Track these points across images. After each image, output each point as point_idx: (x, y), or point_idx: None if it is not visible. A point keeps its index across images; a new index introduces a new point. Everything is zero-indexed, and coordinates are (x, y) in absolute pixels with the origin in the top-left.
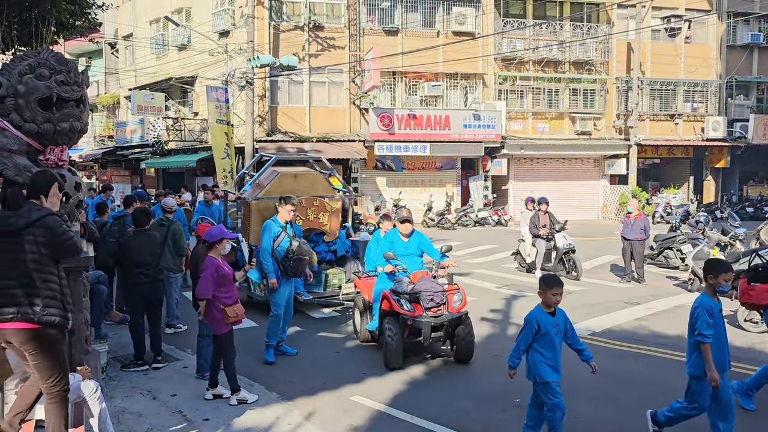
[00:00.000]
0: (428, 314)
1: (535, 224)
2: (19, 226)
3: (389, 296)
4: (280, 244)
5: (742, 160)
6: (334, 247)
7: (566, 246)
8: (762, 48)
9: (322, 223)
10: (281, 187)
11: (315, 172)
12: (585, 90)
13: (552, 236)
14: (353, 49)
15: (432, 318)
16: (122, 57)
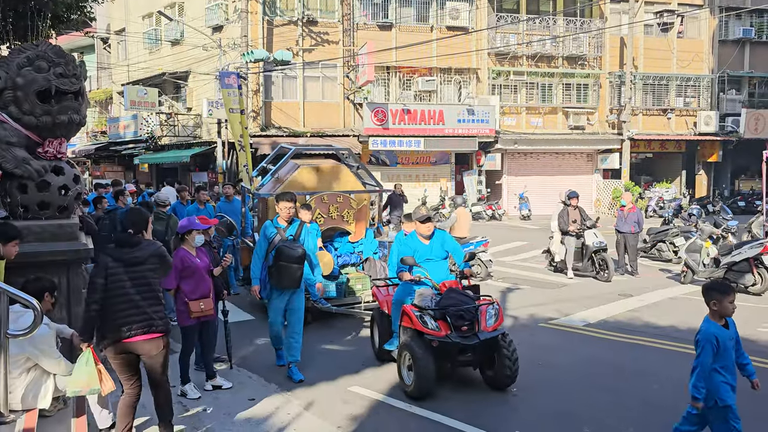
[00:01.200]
0: (456, 334)
1: (564, 220)
2: (143, 258)
3: (410, 312)
4: (275, 248)
5: (733, 155)
6: (359, 248)
7: (597, 244)
8: (754, 43)
9: (346, 222)
10: (301, 182)
11: (339, 164)
12: (578, 85)
13: (582, 233)
14: (347, 44)
15: (460, 339)
16: (114, 52)
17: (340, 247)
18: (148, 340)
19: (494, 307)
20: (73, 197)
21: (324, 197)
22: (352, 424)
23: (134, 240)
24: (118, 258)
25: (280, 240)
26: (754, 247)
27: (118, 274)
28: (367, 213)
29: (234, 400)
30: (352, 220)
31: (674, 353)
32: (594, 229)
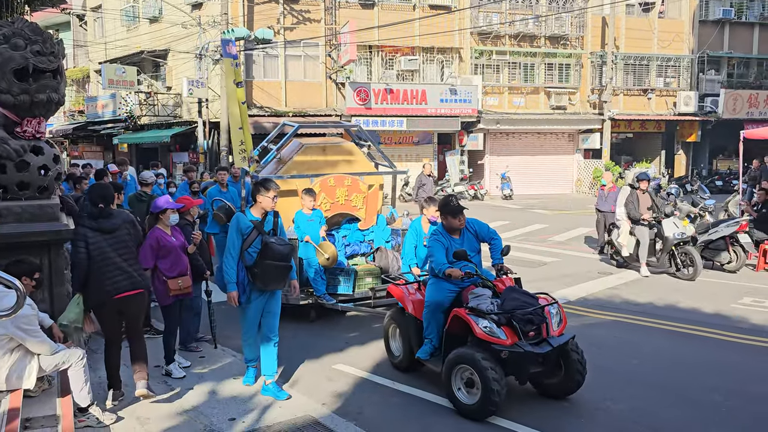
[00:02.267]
0: (527, 342)
1: (634, 206)
2: (118, 225)
3: (468, 317)
4: (252, 245)
5: (712, 135)
6: (370, 237)
7: (678, 235)
8: (733, 23)
9: (355, 207)
10: (306, 163)
11: (348, 142)
12: (560, 65)
13: (657, 222)
14: (329, 23)
15: (533, 347)
16: (91, 29)
17: (348, 235)
18: (134, 295)
19: (555, 306)
20: (53, 177)
21: (330, 180)
22: (336, 401)
23: (106, 212)
24: (96, 228)
25: (258, 234)
26: (730, 225)
27: (98, 242)
28: (378, 197)
29: (219, 379)
30: (361, 205)
31: (654, 329)
32: (673, 218)
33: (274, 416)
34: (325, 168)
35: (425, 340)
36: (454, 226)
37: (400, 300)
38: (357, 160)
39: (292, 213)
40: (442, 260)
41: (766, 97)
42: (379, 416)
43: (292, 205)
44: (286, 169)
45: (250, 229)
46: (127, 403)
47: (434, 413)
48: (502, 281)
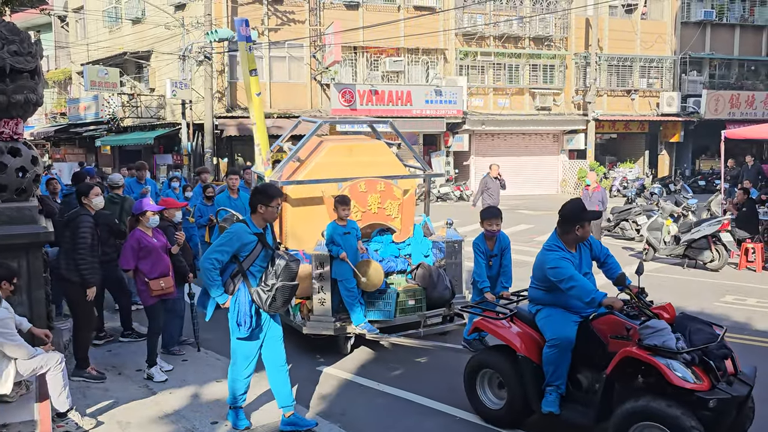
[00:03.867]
0: (723, 384)
1: None
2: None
3: (656, 361)
4: (255, 262)
5: (694, 135)
6: (406, 251)
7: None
8: (714, 24)
9: (389, 216)
10: (331, 165)
11: (377, 141)
12: (545, 66)
13: None
14: (313, 24)
15: (734, 389)
16: (73, 31)
17: (381, 249)
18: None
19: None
20: (31, 179)
21: (361, 184)
22: (320, 402)
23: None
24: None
25: (262, 249)
26: (712, 224)
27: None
28: (414, 204)
29: (202, 382)
30: (396, 213)
31: None
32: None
33: (257, 419)
34: (353, 171)
35: (549, 389)
36: (583, 236)
37: (505, 338)
38: (387, 162)
39: (317, 224)
40: (589, 286)
41: (747, 98)
42: (363, 418)
43: (316, 215)
44: (308, 173)
45: (253, 244)
46: (107, 408)
47: (418, 414)
48: (665, 309)
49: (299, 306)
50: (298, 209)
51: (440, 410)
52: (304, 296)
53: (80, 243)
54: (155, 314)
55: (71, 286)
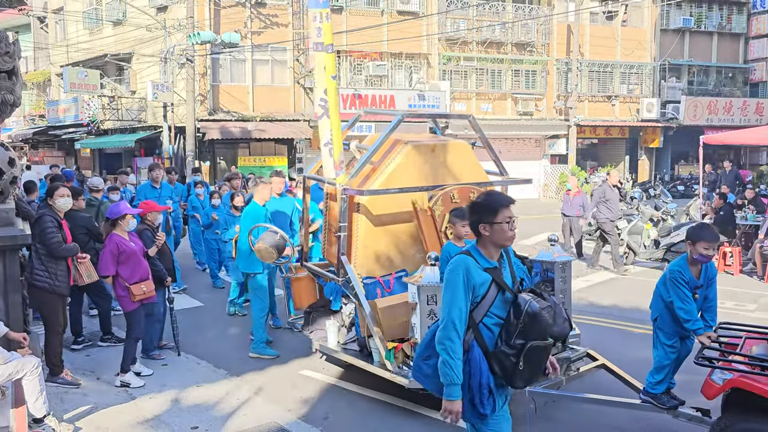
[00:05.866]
0: None
1: None
2: None
3: None
4: (489, 312)
5: (673, 141)
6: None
7: None
8: (693, 32)
9: None
10: (411, 169)
11: (459, 141)
12: (527, 71)
13: None
14: (297, 27)
15: None
16: (52, 32)
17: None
18: None
19: None
20: (8, 181)
21: (454, 194)
22: (303, 406)
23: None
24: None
25: (498, 292)
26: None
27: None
28: None
29: (182, 386)
30: None
31: (615, 330)
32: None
33: (239, 424)
34: (438, 176)
35: None
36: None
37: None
38: (470, 165)
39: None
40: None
41: (725, 104)
42: (345, 421)
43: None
44: (386, 179)
45: (486, 285)
46: (86, 413)
47: (400, 418)
48: None
49: (393, 351)
50: (372, 223)
51: (421, 413)
52: (397, 338)
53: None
54: (136, 319)
55: (38, 290)
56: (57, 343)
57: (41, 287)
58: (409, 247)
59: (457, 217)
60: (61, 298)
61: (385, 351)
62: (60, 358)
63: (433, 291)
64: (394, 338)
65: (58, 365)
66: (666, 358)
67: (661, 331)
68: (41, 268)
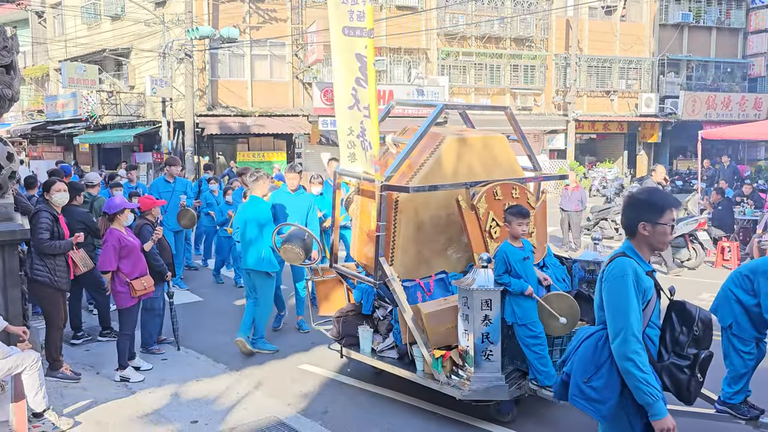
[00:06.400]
0: None
1: None
2: None
3: None
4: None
5: (672, 136)
6: (547, 271)
7: None
8: (692, 27)
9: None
10: (451, 164)
11: (496, 134)
12: (525, 66)
13: None
14: (296, 22)
15: None
16: (50, 27)
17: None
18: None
19: None
20: (6, 176)
21: (497, 190)
22: (302, 401)
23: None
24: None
25: (659, 299)
26: (689, 223)
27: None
28: (546, 215)
29: (181, 381)
30: (532, 227)
31: None
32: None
33: (238, 418)
34: (477, 171)
35: None
36: None
37: None
38: (507, 160)
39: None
40: None
41: (724, 99)
42: (345, 416)
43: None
44: (425, 174)
45: (651, 290)
46: (85, 407)
47: (399, 413)
48: None
49: (441, 359)
50: (413, 223)
51: (421, 407)
52: (443, 345)
53: (38, 239)
54: (132, 317)
55: (39, 285)
56: (57, 338)
57: (42, 282)
58: (446, 247)
59: (513, 216)
60: (61, 292)
61: (432, 360)
62: (60, 352)
63: (488, 295)
64: (440, 345)
65: (58, 360)
66: (743, 366)
67: (736, 338)
68: (41, 263)
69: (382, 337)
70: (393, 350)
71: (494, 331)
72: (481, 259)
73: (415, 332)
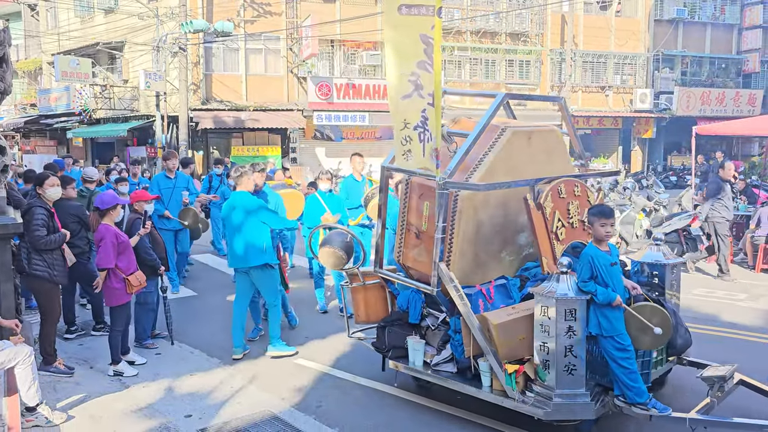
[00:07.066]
0: None
1: None
2: None
3: None
4: None
5: (666, 131)
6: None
7: None
8: (687, 22)
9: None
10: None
11: (551, 126)
12: (521, 61)
13: None
14: (290, 16)
15: None
16: (43, 20)
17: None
18: None
19: None
20: None
21: (561, 187)
22: (296, 395)
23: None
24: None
25: None
26: (683, 218)
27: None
28: None
29: (175, 375)
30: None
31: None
32: None
33: (232, 412)
34: (539, 167)
35: None
36: None
37: None
38: (561, 153)
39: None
40: None
41: (718, 95)
42: (339, 410)
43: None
44: (486, 172)
45: None
46: (79, 401)
47: (393, 406)
48: None
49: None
50: (473, 225)
51: (415, 402)
52: (514, 358)
53: (34, 236)
54: (125, 312)
55: (37, 280)
56: (52, 332)
57: (41, 277)
58: (500, 250)
59: (596, 216)
60: (58, 287)
61: (506, 376)
62: (53, 347)
63: (572, 304)
64: (510, 359)
65: (52, 354)
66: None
67: None
68: (39, 258)
69: (436, 348)
70: (450, 363)
71: (579, 343)
72: (560, 264)
73: (484, 345)
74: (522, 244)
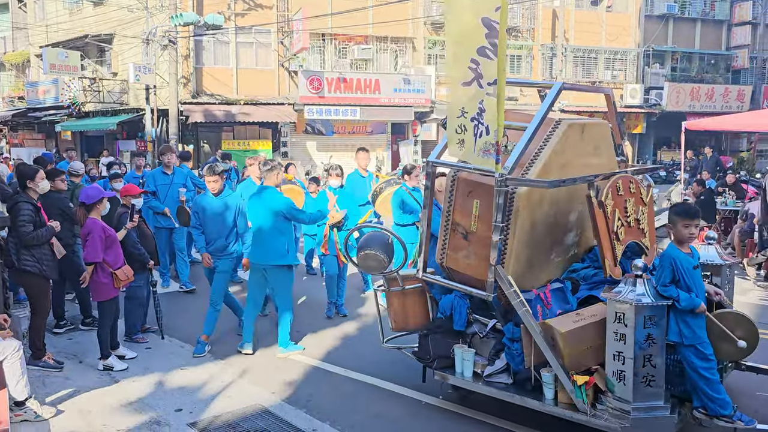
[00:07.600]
0: None
1: None
2: None
3: None
4: None
5: (656, 127)
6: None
7: None
8: (677, 18)
9: (641, 230)
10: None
11: (601, 120)
12: (512, 56)
13: None
14: (281, 10)
15: None
16: (31, 11)
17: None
18: None
19: None
20: None
21: (619, 184)
22: (286, 389)
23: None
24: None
25: None
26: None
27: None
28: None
29: (166, 369)
30: (646, 225)
31: None
32: None
33: (223, 406)
34: (593, 162)
35: None
36: None
37: None
38: (609, 147)
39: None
40: None
41: (707, 91)
42: (330, 403)
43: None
44: (543, 167)
45: None
46: (68, 396)
47: (384, 400)
48: None
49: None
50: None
51: (406, 395)
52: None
53: (21, 232)
54: (113, 307)
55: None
56: (42, 327)
57: (31, 272)
58: (550, 251)
59: (679, 216)
60: (49, 281)
61: (575, 387)
62: (43, 341)
63: (651, 311)
64: (576, 369)
65: (41, 348)
66: None
67: None
68: (28, 253)
69: (487, 358)
70: (504, 374)
71: (658, 352)
72: (635, 267)
73: (549, 354)
74: (569, 244)
